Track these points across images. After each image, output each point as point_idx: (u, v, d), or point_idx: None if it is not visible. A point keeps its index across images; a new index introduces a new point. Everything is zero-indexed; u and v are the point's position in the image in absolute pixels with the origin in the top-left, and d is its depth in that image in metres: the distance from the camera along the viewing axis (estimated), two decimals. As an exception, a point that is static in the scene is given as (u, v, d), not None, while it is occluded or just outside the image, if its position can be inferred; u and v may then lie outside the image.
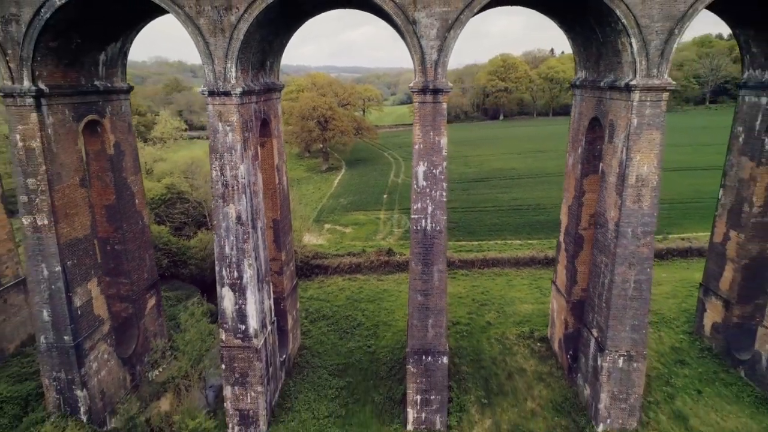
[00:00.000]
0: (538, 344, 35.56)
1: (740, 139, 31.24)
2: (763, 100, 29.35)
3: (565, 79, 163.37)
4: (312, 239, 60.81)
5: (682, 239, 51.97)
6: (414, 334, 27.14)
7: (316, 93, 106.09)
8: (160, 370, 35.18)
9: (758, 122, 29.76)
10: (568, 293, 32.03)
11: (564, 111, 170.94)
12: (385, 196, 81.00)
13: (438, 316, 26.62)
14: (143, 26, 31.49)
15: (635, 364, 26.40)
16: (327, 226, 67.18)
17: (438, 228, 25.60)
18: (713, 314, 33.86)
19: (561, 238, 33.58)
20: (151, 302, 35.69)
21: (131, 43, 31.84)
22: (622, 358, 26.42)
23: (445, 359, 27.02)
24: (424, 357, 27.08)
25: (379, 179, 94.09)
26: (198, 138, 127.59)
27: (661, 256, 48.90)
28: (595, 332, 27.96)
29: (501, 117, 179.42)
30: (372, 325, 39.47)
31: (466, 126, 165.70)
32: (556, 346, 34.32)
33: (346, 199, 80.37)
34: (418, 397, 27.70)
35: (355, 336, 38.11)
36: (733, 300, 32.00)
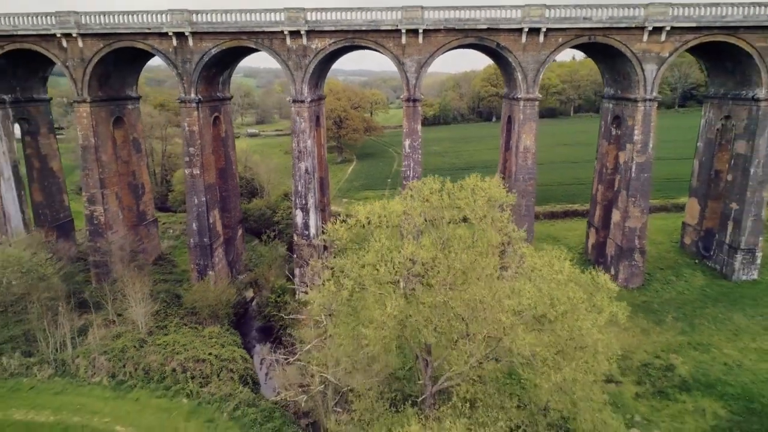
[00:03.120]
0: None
1: (602, 129, 51.61)
2: (610, 105, 49.68)
3: (551, 86, 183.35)
4: (334, 207, 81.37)
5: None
6: (403, 237, 47.67)
7: (333, 97, 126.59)
8: (244, 275, 55.77)
9: (609, 118, 50.10)
10: (499, 223, 52.43)
11: (549, 113, 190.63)
12: (388, 180, 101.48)
13: (416, 226, 47.13)
14: (243, 58, 52.44)
15: (527, 253, 46.73)
16: (344, 200, 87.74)
17: (416, 176, 46.08)
18: (592, 238, 54.19)
19: (497, 190, 53.97)
20: (239, 231, 56.53)
21: (234, 69, 52.77)
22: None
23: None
24: (409, 250, 47.57)
25: (384, 169, 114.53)
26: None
27: (583, 214, 69.08)
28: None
29: (494, 119, 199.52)
30: (379, 252, 60.01)
31: (463, 126, 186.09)
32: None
33: (358, 183, 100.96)
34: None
35: (368, 257, 58.68)
36: (600, 227, 52.33)
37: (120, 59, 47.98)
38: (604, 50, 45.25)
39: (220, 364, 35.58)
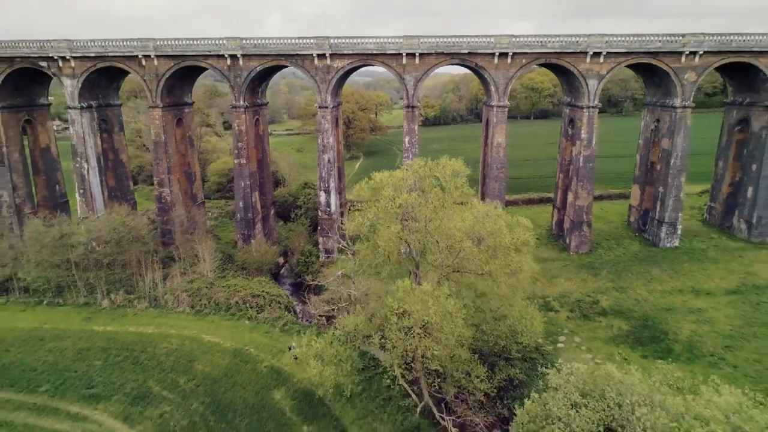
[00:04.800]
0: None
1: (562, 129, 64.90)
2: (567, 110, 62.97)
3: (544, 89, 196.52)
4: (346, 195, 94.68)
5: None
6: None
7: (342, 100, 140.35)
8: (275, 247, 69.24)
9: (566, 120, 63.39)
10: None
11: (543, 115, 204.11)
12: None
13: (414, 204, 60.55)
14: (277, 72, 65.96)
15: (500, 226, 60.05)
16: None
17: (414, 165, 59.43)
18: (555, 217, 67.47)
19: (480, 177, 67.32)
20: (272, 211, 70.13)
21: (270, 81, 66.32)
22: (494, 223, 60.08)
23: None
24: (408, 223, 61.02)
25: (388, 164, 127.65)
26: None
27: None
28: (485, 215, 61.78)
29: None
30: (384, 229, 73.56)
31: (461, 126, 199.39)
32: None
33: (365, 176, 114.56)
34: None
35: (375, 233, 72.22)
36: (560, 208, 65.60)
37: (182, 74, 61.51)
38: (559, 68, 58.54)
39: (270, 298, 49.16)
